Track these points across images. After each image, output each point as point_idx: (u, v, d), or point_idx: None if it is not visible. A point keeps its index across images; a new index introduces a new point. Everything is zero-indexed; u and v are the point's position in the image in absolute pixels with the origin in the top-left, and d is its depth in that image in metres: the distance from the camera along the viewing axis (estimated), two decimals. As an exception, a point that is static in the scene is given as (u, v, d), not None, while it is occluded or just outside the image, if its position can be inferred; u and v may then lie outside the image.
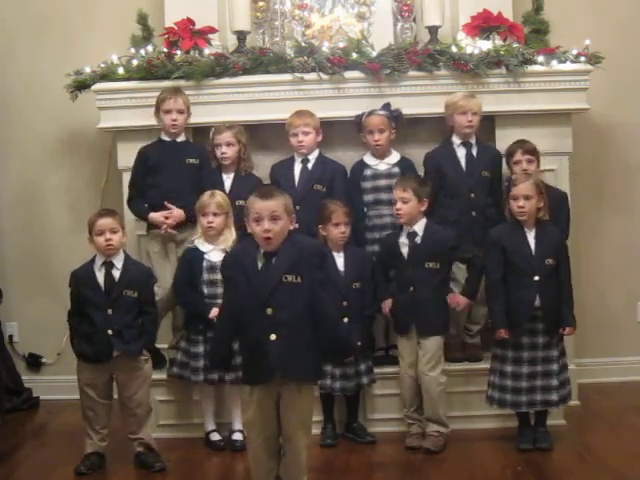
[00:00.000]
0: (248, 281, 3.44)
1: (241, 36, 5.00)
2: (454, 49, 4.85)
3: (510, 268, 4.32)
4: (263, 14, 5.26)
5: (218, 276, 4.41)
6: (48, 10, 5.44)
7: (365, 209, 4.78)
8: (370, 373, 4.59)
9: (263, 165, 4.94)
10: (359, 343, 4.38)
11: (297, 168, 4.80)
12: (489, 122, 4.94)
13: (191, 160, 4.70)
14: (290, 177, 4.76)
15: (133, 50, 5.03)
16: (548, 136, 4.81)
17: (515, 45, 4.87)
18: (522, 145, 4.66)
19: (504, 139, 4.85)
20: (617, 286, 5.42)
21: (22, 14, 5.46)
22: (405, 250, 4.48)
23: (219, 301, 4.40)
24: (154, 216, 4.67)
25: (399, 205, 4.45)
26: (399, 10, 5.21)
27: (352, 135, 4.92)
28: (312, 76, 4.86)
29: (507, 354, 4.34)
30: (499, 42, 4.89)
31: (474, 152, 4.78)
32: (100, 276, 4.26)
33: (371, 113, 4.77)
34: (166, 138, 4.73)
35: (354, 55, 4.85)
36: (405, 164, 4.82)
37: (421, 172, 4.81)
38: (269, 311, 3.42)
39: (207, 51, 4.93)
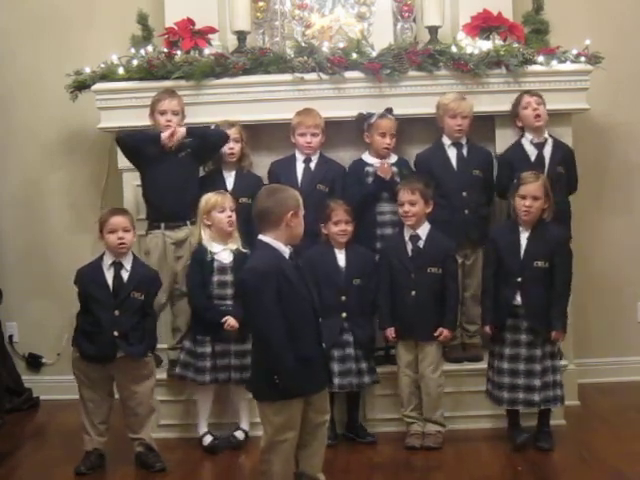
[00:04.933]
0: (300, 293, 3.45)
1: (241, 36, 5.00)
2: (454, 49, 4.85)
3: (500, 266, 4.35)
4: (263, 14, 5.26)
5: (228, 277, 4.43)
6: (48, 10, 5.44)
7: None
8: (372, 373, 4.58)
9: (263, 165, 4.94)
10: None
11: (299, 167, 4.81)
12: (489, 122, 4.94)
13: (182, 153, 4.69)
14: (293, 176, 4.76)
15: (133, 50, 5.03)
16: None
17: (515, 45, 4.87)
18: (527, 92, 4.68)
19: (504, 139, 4.86)
20: (617, 286, 5.42)
21: (22, 14, 5.46)
22: (409, 252, 4.49)
23: (229, 302, 4.41)
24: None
25: (407, 208, 4.46)
26: (399, 10, 5.21)
27: (352, 135, 4.93)
28: (312, 76, 4.85)
29: (495, 349, 4.39)
30: (499, 42, 4.89)
31: (465, 152, 4.79)
32: (109, 276, 4.26)
33: (384, 116, 4.77)
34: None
35: (354, 55, 4.85)
36: (403, 164, 4.84)
37: (412, 173, 4.85)
38: (320, 320, 3.52)
39: (207, 51, 4.93)
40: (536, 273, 4.27)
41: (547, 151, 4.71)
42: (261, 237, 3.49)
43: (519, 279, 4.28)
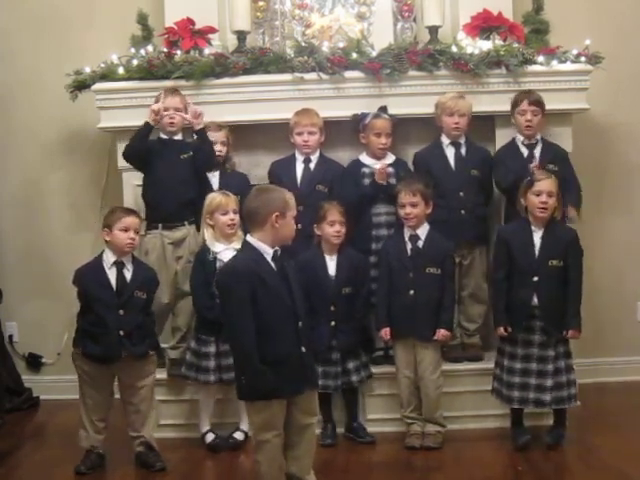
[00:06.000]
0: (277, 295, 3.44)
1: (241, 36, 5.00)
2: (454, 49, 4.85)
3: (513, 266, 4.33)
4: (263, 14, 5.26)
5: None
6: (48, 10, 5.44)
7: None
8: (362, 370, 4.58)
9: (263, 165, 4.94)
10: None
11: (299, 168, 4.81)
12: (489, 122, 4.94)
13: (185, 155, 4.71)
14: (292, 177, 4.77)
15: (133, 50, 5.04)
16: (548, 136, 4.80)
17: (515, 45, 4.87)
18: (528, 95, 4.66)
19: (504, 139, 4.86)
20: (617, 286, 5.42)
21: (22, 14, 5.46)
22: (408, 252, 4.49)
23: None
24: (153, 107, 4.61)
25: (409, 210, 4.45)
26: (399, 10, 5.21)
27: (352, 135, 4.92)
28: (312, 76, 4.86)
29: (505, 348, 4.38)
30: (499, 42, 4.89)
31: (463, 152, 4.80)
32: (111, 275, 4.24)
33: (378, 116, 4.77)
34: (164, 136, 4.75)
35: (354, 55, 4.85)
36: (400, 165, 4.84)
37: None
38: (300, 324, 3.49)
39: (207, 51, 4.93)
40: (551, 272, 4.26)
41: (537, 151, 4.72)
42: (247, 237, 3.52)
43: (535, 279, 4.26)
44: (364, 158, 4.85)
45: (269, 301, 3.41)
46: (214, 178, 4.79)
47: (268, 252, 3.46)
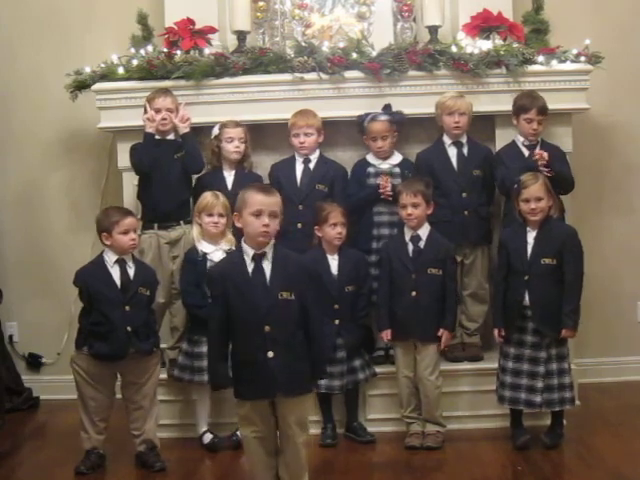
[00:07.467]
0: (242, 297, 3.45)
1: (241, 36, 5.01)
2: (454, 49, 4.85)
3: (510, 268, 4.34)
4: (263, 14, 5.26)
5: None
6: (48, 10, 5.44)
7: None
8: (367, 368, 4.60)
9: (263, 165, 4.95)
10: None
11: (299, 168, 4.81)
12: (489, 122, 4.94)
13: (179, 155, 4.72)
14: (292, 177, 4.77)
15: (133, 50, 5.04)
16: (548, 136, 4.80)
17: (515, 45, 4.87)
18: (536, 102, 4.63)
19: (504, 139, 4.86)
20: (617, 286, 5.42)
21: (22, 14, 5.47)
22: (409, 253, 4.49)
23: None
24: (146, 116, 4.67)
25: (410, 210, 4.45)
26: (399, 10, 5.21)
27: (352, 135, 4.93)
28: (312, 76, 4.86)
29: (502, 347, 4.39)
30: (499, 42, 4.89)
31: (465, 151, 4.79)
32: (115, 273, 4.24)
33: (374, 119, 4.77)
34: (157, 136, 4.74)
35: (354, 55, 4.85)
36: (406, 165, 4.83)
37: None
38: (267, 328, 3.44)
39: (207, 51, 4.93)
40: (543, 270, 4.25)
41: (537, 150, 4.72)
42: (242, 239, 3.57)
43: (526, 277, 4.26)
44: (370, 158, 4.85)
45: (236, 303, 3.44)
46: (230, 177, 4.78)
47: (248, 253, 3.48)
